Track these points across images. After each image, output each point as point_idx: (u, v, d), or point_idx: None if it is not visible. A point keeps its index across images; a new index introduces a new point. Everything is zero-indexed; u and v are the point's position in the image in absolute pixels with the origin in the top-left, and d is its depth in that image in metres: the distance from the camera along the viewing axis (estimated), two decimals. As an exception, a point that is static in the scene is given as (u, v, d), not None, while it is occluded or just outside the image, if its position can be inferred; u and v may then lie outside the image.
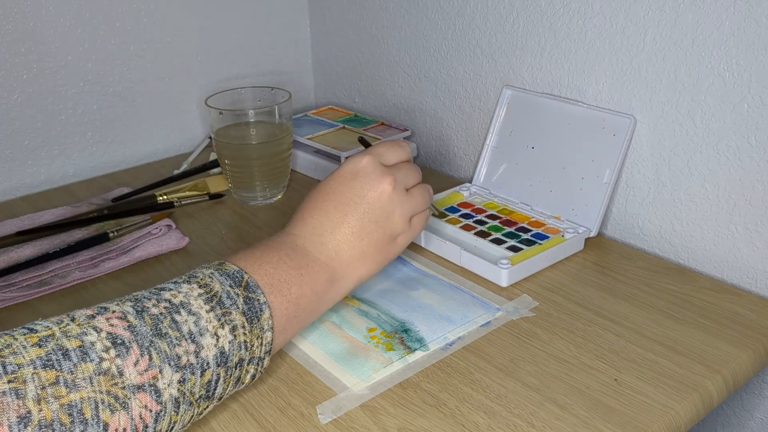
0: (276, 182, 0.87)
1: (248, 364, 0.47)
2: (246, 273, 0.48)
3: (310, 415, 0.52)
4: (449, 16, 0.90)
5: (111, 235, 0.76)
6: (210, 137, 1.07)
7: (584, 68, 0.76)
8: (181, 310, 0.44)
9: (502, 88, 0.84)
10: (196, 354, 0.43)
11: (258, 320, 0.47)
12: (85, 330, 0.40)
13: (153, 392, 0.40)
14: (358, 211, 0.55)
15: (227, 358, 0.45)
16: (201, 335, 0.43)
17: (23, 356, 0.37)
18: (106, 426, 0.38)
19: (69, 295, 0.69)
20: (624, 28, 0.71)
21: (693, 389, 0.53)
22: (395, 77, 1.02)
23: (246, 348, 0.46)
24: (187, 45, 1.04)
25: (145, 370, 0.40)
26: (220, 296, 0.46)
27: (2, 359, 0.36)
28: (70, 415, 0.36)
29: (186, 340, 0.43)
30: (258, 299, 0.47)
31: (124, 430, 0.39)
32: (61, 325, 0.40)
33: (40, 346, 0.38)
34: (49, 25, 0.91)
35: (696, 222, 0.71)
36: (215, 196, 0.89)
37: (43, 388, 0.36)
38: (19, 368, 0.36)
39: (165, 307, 0.43)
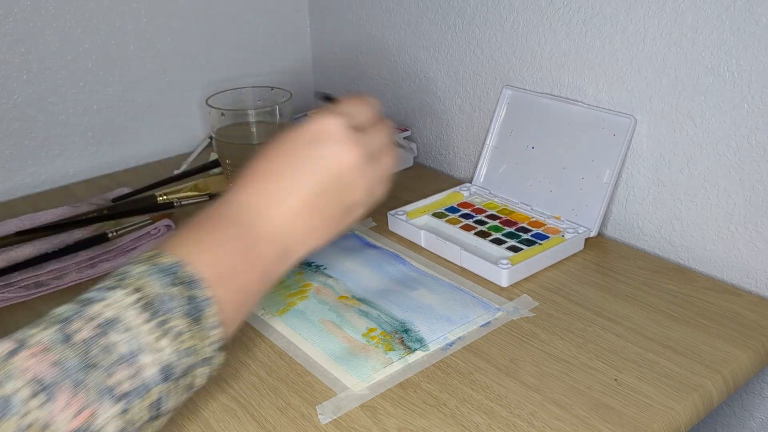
0: (276, 182, 0.87)
1: (196, 368, 0.41)
2: (184, 265, 0.41)
3: (310, 415, 0.52)
4: (449, 16, 0.90)
5: (110, 235, 0.76)
6: (210, 137, 1.07)
7: (584, 68, 0.76)
8: (113, 330, 0.38)
9: (502, 88, 0.84)
10: (136, 376, 0.38)
11: (201, 320, 0.41)
12: (7, 372, 0.35)
13: None
14: (317, 183, 0.47)
15: (172, 370, 0.39)
16: (138, 353, 0.38)
17: None
18: None
19: (68, 294, 0.68)
20: (624, 28, 0.71)
21: (693, 389, 0.53)
22: (395, 77, 1.02)
23: (193, 353, 0.40)
24: (187, 45, 1.04)
25: (79, 412, 0.35)
26: (157, 301, 0.40)
27: None
28: None
29: (122, 364, 0.37)
30: (201, 296, 0.41)
31: None
32: None
33: None
34: (49, 25, 0.91)
35: (696, 222, 0.71)
36: (215, 197, 0.89)
37: None
38: None
39: (95, 327, 0.38)
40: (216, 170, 0.95)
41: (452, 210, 0.80)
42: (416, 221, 0.78)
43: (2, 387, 0.34)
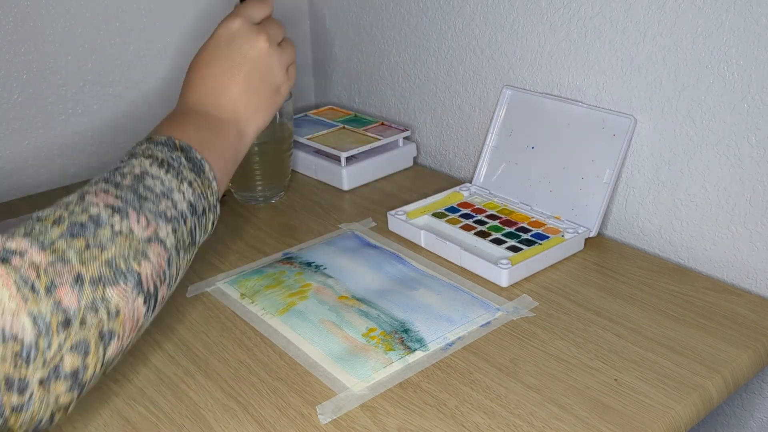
0: (276, 182, 0.87)
1: (208, 212, 0.53)
2: (176, 139, 0.53)
3: (310, 415, 0.52)
4: (449, 16, 0.90)
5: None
6: (210, 137, 1.07)
7: (584, 68, 0.76)
8: (146, 177, 0.49)
9: (502, 88, 0.84)
10: (175, 207, 0.49)
11: (204, 173, 0.52)
12: (84, 207, 0.45)
13: (159, 242, 0.47)
14: (243, 71, 0.59)
15: (195, 208, 0.51)
16: (171, 192, 0.49)
17: (51, 234, 0.42)
18: (138, 274, 0.44)
19: (69, 295, 0.69)
20: (624, 28, 0.71)
21: (693, 389, 0.53)
22: (395, 77, 1.02)
23: (203, 198, 0.52)
24: (187, 45, 1.04)
25: (147, 226, 0.46)
26: (167, 161, 0.51)
27: (36, 238, 0.41)
28: (110, 268, 0.43)
29: (163, 198, 0.48)
30: (196, 157, 0.52)
31: (151, 275, 0.45)
32: (62, 209, 0.44)
33: (58, 225, 0.43)
34: (49, 25, 0.91)
35: (696, 222, 0.71)
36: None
37: (81, 252, 0.42)
38: (53, 243, 0.41)
39: (132, 178, 0.48)
40: (216, 170, 0.95)
41: (452, 210, 0.80)
42: (416, 221, 0.78)
43: (88, 211, 0.44)
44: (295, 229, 0.81)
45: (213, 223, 0.54)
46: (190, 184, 0.51)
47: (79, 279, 0.41)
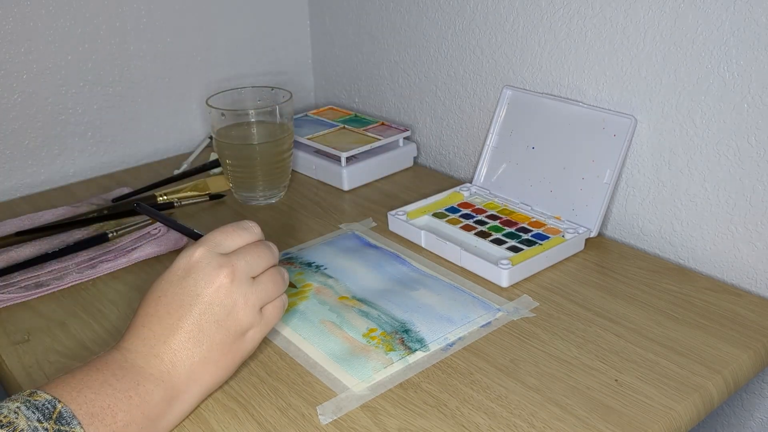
0: (277, 182, 0.87)
1: None
2: (60, 402, 0.42)
3: (311, 416, 0.52)
4: (449, 16, 0.90)
5: (110, 235, 0.76)
6: (211, 137, 1.07)
7: (584, 68, 0.76)
8: None
9: (502, 88, 0.84)
10: None
11: None
12: None
13: None
14: (194, 313, 0.48)
15: None
16: None
17: None
18: None
19: (69, 294, 0.69)
20: (624, 28, 0.71)
21: (693, 390, 0.53)
22: (395, 77, 1.02)
23: None
24: (187, 45, 1.04)
25: None
26: None
27: None
28: None
29: None
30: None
31: None
32: None
33: None
34: (49, 25, 0.91)
35: (696, 222, 0.71)
36: (216, 197, 0.89)
37: None
38: None
39: None
40: (216, 170, 0.95)
41: (452, 210, 0.80)
42: (416, 221, 0.78)
43: None
44: (295, 229, 0.81)
45: None
46: None
47: None
